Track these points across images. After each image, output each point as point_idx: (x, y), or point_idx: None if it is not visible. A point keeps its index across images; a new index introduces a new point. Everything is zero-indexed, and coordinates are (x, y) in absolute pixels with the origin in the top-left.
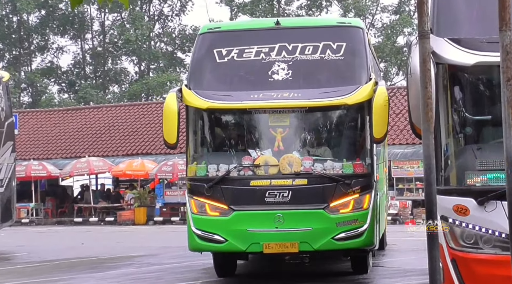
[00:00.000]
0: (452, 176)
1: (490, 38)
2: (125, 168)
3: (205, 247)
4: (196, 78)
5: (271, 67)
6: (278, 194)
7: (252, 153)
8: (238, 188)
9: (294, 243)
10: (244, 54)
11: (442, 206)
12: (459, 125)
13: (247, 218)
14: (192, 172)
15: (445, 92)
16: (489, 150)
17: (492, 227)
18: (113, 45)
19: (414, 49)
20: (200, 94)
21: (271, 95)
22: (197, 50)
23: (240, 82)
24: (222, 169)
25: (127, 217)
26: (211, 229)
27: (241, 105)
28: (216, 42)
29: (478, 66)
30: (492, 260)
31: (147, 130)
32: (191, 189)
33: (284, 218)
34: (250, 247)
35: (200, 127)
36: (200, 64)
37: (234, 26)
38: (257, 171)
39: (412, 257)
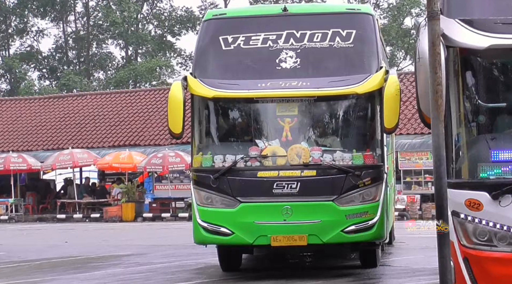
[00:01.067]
0: (464, 168)
1: (505, 19)
2: (112, 161)
3: (211, 240)
4: (201, 66)
5: (279, 55)
6: (286, 186)
7: (259, 143)
8: (245, 179)
9: (302, 236)
10: (251, 42)
11: (453, 200)
12: (472, 114)
13: (254, 210)
14: (197, 162)
15: (456, 78)
16: (504, 140)
17: (508, 223)
18: (98, 28)
19: (423, 31)
20: (206, 83)
21: (279, 84)
22: (202, 37)
23: (246, 71)
24: (229, 159)
25: (113, 213)
26: (218, 221)
27: (248, 94)
28: (222, 29)
29: (492, 50)
30: (508, 258)
31: (135, 120)
32: (197, 180)
33: (292, 210)
34: (257, 240)
35: (205, 116)
36: (205, 51)
37: (240, 12)
38: (264, 161)
39: (421, 255)
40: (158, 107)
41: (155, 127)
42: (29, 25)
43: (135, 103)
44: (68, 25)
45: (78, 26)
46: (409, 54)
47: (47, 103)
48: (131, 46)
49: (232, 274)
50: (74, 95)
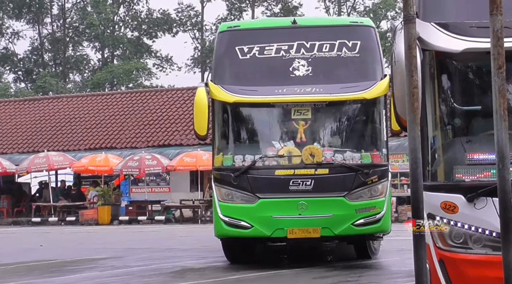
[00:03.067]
0: (439, 170)
1: (480, 22)
2: (88, 163)
3: (231, 233)
4: (220, 74)
5: (292, 63)
6: (301, 183)
7: (275, 144)
8: (263, 177)
9: (316, 229)
10: (265, 52)
11: (429, 203)
12: (447, 117)
13: (272, 205)
14: (218, 162)
15: (432, 81)
16: (479, 142)
17: (482, 225)
18: (74, 30)
19: (399, 34)
20: (226, 89)
21: (295, 90)
22: (219, 48)
23: (263, 78)
24: (248, 159)
25: (89, 216)
26: (238, 215)
27: (267, 99)
28: (237, 40)
29: (468, 53)
30: (482, 260)
31: (112, 123)
32: (218, 178)
33: (307, 205)
34: (275, 232)
35: (226, 120)
36: (223, 60)
37: (252, 25)
38: (281, 161)
39: (397, 258)
40: (135, 110)
41: (131, 130)
42: (4, 27)
43: (112, 105)
44: (44, 27)
45: (54, 28)
46: (385, 57)
47: (22, 106)
48: (108, 48)
49: (211, 276)
50: (50, 98)
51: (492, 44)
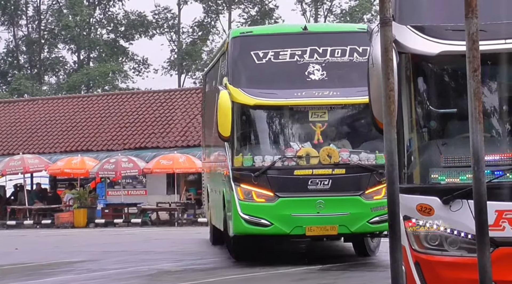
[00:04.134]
0: (415, 173)
1: (456, 25)
2: (64, 166)
3: (251, 230)
4: (238, 78)
5: (307, 68)
6: (319, 182)
7: (293, 145)
8: (283, 177)
9: (333, 226)
10: (280, 56)
11: (405, 205)
12: (423, 119)
13: (291, 204)
14: (238, 162)
15: (408, 83)
16: (454, 145)
17: (458, 227)
18: (50, 32)
19: (375, 37)
20: (247, 92)
21: (313, 93)
22: (233, 52)
23: (281, 81)
24: (267, 159)
25: (65, 219)
26: (258, 214)
27: (287, 102)
28: (251, 45)
29: (443, 56)
30: (458, 262)
31: (88, 125)
32: (238, 177)
33: (325, 204)
34: (294, 230)
35: (245, 121)
36: (240, 64)
37: (265, 30)
38: (299, 161)
39: (375, 260)
40: (111, 112)
41: (108, 132)
42: None
43: (88, 108)
44: (19, 29)
45: (30, 30)
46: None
47: None
48: (83, 50)
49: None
50: (25, 100)
51: (468, 47)
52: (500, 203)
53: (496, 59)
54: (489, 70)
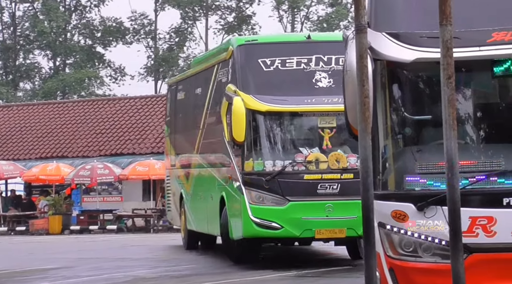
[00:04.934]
0: (390, 179)
1: (430, 33)
2: (39, 173)
3: (262, 233)
4: (247, 84)
5: (314, 75)
6: (328, 186)
7: (303, 151)
8: (293, 181)
9: (342, 230)
10: (287, 64)
11: (380, 212)
12: (398, 126)
13: (301, 207)
14: (249, 167)
15: (383, 90)
16: (429, 151)
17: (432, 234)
18: (25, 38)
19: (351, 44)
20: (258, 98)
21: (322, 100)
22: (241, 60)
23: (290, 89)
24: (278, 164)
25: (40, 226)
26: (269, 217)
27: (297, 109)
28: (258, 53)
29: (418, 63)
30: (432, 269)
31: (63, 131)
32: (249, 181)
33: (334, 208)
34: (304, 233)
35: (256, 127)
36: (248, 72)
37: (269, 39)
38: (309, 166)
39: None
40: (86, 118)
41: (83, 138)
42: None
43: (63, 114)
44: None
45: (5, 36)
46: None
47: None
48: (59, 56)
49: None
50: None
51: (442, 54)
52: (474, 209)
53: (470, 66)
54: (463, 77)
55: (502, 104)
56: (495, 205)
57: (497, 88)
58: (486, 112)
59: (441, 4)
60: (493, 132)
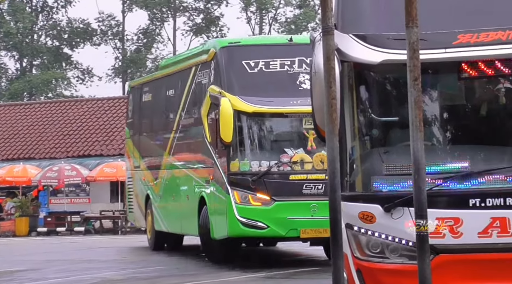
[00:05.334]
0: (357, 181)
1: (397, 35)
2: (5, 174)
3: (248, 233)
4: (232, 86)
5: (298, 77)
6: (313, 187)
7: (288, 151)
8: (279, 181)
9: (326, 229)
10: (271, 66)
11: (347, 213)
12: (366, 127)
13: (287, 207)
14: (235, 167)
15: (351, 92)
16: (396, 153)
17: (399, 235)
18: None
19: (318, 46)
20: (245, 100)
21: (307, 102)
22: (225, 62)
23: (275, 90)
24: (264, 164)
25: (6, 228)
26: (255, 217)
27: (284, 110)
28: (241, 55)
29: (385, 65)
30: (399, 270)
31: (30, 133)
32: (235, 182)
33: (319, 208)
34: (289, 232)
35: (242, 128)
36: (232, 73)
37: (252, 41)
38: (294, 166)
39: (317, 267)
40: (54, 120)
41: (50, 140)
42: None
43: (30, 116)
44: None
45: None
46: None
47: None
48: (26, 57)
49: None
50: None
51: (408, 56)
52: (440, 210)
53: (437, 68)
54: (430, 79)
55: (468, 106)
56: (461, 206)
57: (463, 90)
58: (453, 114)
59: (407, 6)
60: (459, 134)
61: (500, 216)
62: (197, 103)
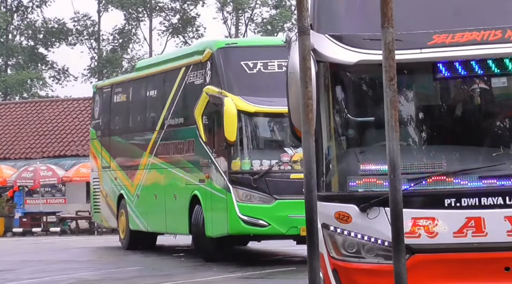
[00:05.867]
0: (334, 181)
1: (373, 35)
2: None
3: (249, 230)
4: (232, 86)
5: None
6: None
7: (288, 151)
8: (280, 180)
9: None
10: (269, 67)
11: (323, 213)
12: (342, 128)
13: (288, 205)
14: (236, 166)
15: (327, 92)
16: (372, 153)
17: (375, 235)
18: None
19: (294, 46)
20: (247, 100)
21: None
22: (223, 62)
23: (274, 90)
24: (265, 163)
25: None
26: (256, 214)
27: (284, 110)
28: (239, 56)
29: (361, 65)
30: (375, 269)
31: (5, 133)
32: (236, 180)
33: None
34: (289, 230)
35: (243, 127)
36: (232, 74)
37: (249, 42)
38: (294, 165)
39: (293, 267)
40: (29, 120)
41: (26, 140)
42: None
43: (5, 116)
44: None
45: None
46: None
47: None
48: (1, 57)
49: None
50: None
51: (384, 57)
52: (416, 210)
53: (412, 68)
54: (405, 79)
55: (444, 106)
56: (436, 206)
57: (439, 90)
58: (428, 114)
59: (382, 6)
60: (434, 134)
61: (475, 215)
62: (188, 103)
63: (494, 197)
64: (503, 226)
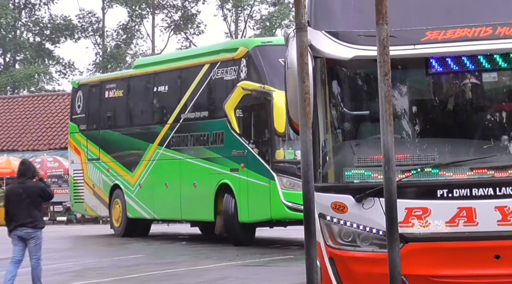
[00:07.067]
0: (330, 172)
1: (368, 31)
2: None
3: (292, 215)
4: (273, 81)
5: None
6: None
7: None
8: None
9: None
10: None
11: (320, 203)
12: (338, 121)
13: None
14: (280, 156)
15: (323, 87)
16: (367, 145)
17: (370, 224)
18: None
19: (291, 42)
20: None
21: None
22: (262, 59)
23: None
24: None
25: None
26: (300, 201)
27: None
28: (276, 54)
29: (356, 60)
30: (370, 258)
31: (14, 126)
32: (280, 169)
33: None
34: None
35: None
36: (270, 70)
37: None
38: None
39: (292, 256)
40: (36, 113)
41: (33, 132)
42: None
43: (14, 109)
44: None
45: None
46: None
47: None
48: (9, 53)
49: (112, 275)
50: None
51: (379, 52)
52: (409, 200)
53: (406, 64)
54: (399, 74)
55: (436, 100)
56: (429, 196)
57: (431, 85)
58: (421, 108)
59: (377, 4)
60: (427, 127)
61: (466, 206)
62: (215, 97)
63: (485, 188)
64: (493, 216)
